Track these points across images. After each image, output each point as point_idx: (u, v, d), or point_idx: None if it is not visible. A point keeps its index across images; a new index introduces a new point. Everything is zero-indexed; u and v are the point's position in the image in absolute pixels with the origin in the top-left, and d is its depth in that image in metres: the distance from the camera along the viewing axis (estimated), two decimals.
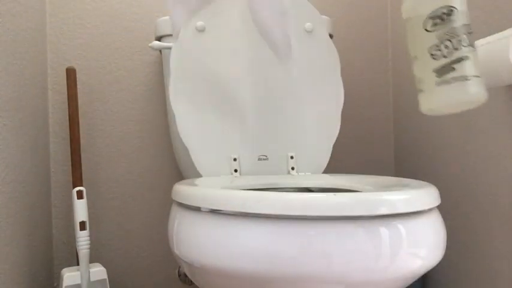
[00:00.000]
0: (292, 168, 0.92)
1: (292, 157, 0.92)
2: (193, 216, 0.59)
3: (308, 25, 0.95)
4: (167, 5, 0.90)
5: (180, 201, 0.63)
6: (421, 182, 0.65)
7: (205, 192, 0.58)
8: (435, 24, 0.58)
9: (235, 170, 0.89)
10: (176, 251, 0.61)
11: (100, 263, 1.07)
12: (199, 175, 0.98)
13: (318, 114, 0.95)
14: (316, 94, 0.95)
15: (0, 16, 0.76)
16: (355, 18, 1.21)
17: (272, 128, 0.94)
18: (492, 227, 0.83)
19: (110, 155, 1.09)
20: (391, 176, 1.22)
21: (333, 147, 0.98)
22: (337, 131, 0.95)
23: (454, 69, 0.57)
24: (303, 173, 0.92)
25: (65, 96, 1.07)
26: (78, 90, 1.07)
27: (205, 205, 0.56)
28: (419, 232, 0.52)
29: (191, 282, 1.02)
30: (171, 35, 1.00)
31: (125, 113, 1.10)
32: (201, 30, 0.90)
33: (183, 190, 0.62)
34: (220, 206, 0.54)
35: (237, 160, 0.89)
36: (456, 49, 0.57)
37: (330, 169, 1.20)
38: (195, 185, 0.66)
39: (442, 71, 0.58)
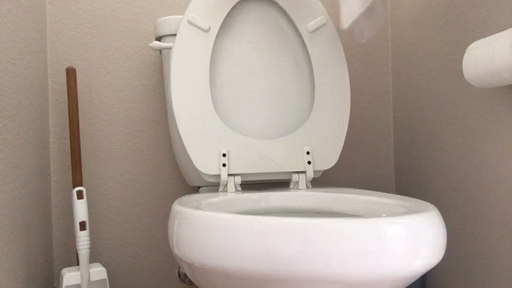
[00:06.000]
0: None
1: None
2: (193, 216, 0.59)
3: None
4: None
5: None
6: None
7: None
8: None
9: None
10: (176, 251, 0.61)
11: (100, 263, 1.07)
12: (199, 176, 0.98)
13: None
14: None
15: (0, 16, 0.76)
16: None
17: (280, 124, 0.94)
18: (492, 227, 0.83)
19: (110, 155, 1.09)
20: (391, 175, 1.22)
21: None
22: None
23: None
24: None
25: (65, 96, 1.07)
26: (78, 90, 1.07)
27: None
28: (419, 232, 0.52)
29: (191, 282, 1.02)
30: (171, 35, 1.00)
31: (125, 113, 1.10)
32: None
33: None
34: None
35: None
36: None
37: (329, 169, 1.20)
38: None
39: None
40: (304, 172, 0.91)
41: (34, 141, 0.93)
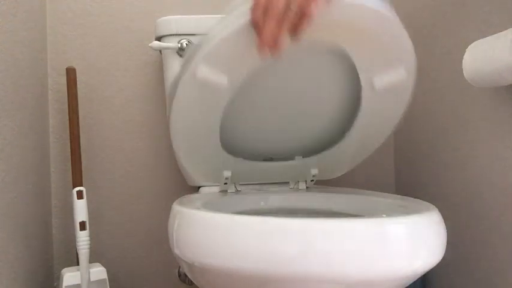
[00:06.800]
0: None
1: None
2: (193, 216, 0.59)
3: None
4: None
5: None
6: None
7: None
8: None
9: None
10: (176, 251, 0.61)
11: (100, 263, 1.07)
12: None
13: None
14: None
15: (0, 16, 0.76)
16: None
17: (293, 149, 0.89)
18: (492, 227, 0.83)
19: (110, 155, 1.09)
20: (391, 176, 1.22)
21: None
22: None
23: None
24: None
25: (65, 96, 1.07)
26: (78, 90, 1.07)
27: None
28: (420, 232, 0.52)
29: (191, 282, 1.02)
30: (171, 35, 1.00)
31: (125, 113, 1.10)
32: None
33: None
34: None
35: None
36: None
37: None
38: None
39: None
40: (305, 181, 0.91)
41: (34, 141, 0.93)
